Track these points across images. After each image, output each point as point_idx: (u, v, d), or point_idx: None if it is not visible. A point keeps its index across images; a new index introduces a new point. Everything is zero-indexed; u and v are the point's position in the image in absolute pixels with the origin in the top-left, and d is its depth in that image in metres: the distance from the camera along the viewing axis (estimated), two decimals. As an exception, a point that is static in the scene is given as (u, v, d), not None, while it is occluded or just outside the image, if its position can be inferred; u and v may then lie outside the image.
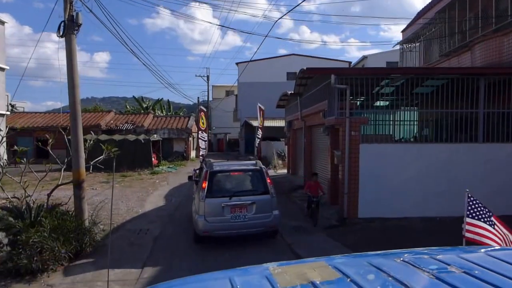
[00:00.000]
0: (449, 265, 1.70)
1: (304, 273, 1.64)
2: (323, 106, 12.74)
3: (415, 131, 14.96)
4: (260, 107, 19.04)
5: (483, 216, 5.01)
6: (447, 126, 11.50)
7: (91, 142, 10.35)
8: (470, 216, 5.07)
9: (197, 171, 12.31)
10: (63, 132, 9.78)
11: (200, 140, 17.17)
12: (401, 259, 1.81)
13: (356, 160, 11.20)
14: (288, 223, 10.93)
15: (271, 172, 21.05)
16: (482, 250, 2.06)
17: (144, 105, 44.60)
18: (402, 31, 22.65)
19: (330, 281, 1.55)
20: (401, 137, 13.91)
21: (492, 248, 2.30)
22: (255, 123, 38.14)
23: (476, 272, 1.59)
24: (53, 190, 9.83)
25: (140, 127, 32.63)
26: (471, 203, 5.09)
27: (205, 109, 16.64)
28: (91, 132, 12.41)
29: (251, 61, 35.69)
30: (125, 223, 11.44)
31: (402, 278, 1.54)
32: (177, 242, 9.23)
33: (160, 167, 26.97)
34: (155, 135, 26.79)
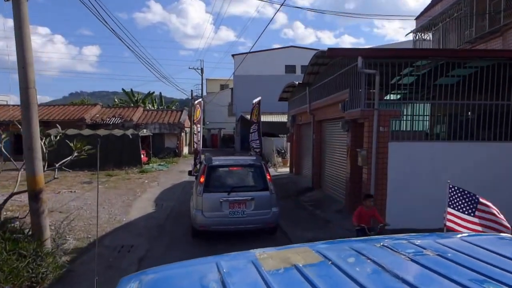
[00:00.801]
0: (425, 249, 1.78)
1: (288, 258, 1.72)
2: (342, 96, 10.75)
3: (437, 127, 13.04)
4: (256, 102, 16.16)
5: (464, 206, 5.18)
6: (485, 120, 9.56)
7: (57, 138, 8.18)
8: (451, 206, 5.29)
9: (197, 165, 11.77)
10: (18, 126, 7.57)
11: (195, 134, 14.58)
12: (381, 243, 1.89)
13: (384, 161, 9.26)
14: (302, 234, 8.98)
15: (271, 171, 19.02)
16: (458, 236, 2.19)
17: (134, 99, 42.25)
18: (416, 19, 20.87)
19: (312, 264, 1.63)
20: (430, 133, 11.97)
21: (468, 234, 2.31)
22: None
23: (449, 255, 1.69)
24: (6, 201, 7.72)
25: (128, 122, 30.38)
26: (453, 193, 5.30)
27: (201, 101, 14.47)
28: (57, 125, 10.15)
29: (248, 52, 33.55)
30: (105, 237, 9.35)
31: (380, 261, 1.62)
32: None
33: (150, 164, 24.84)
34: (144, 130, 24.66)
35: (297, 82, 15.71)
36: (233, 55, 40.35)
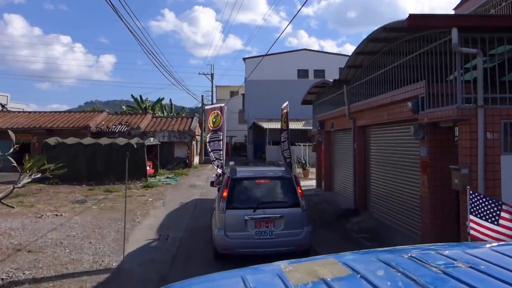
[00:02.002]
0: (455, 260, 1.68)
1: (314, 270, 1.63)
2: (412, 91, 7.46)
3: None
4: (284, 107, 13.18)
5: (486, 213, 4.71)
6: None
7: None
8: (474, 214, 4.84)
9: (220, 176, 10.20)
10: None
11: (213, 142, 10.66)
12: (409, 254, 1.79)
13: (496, 183, 5.96)
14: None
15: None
16: (487, 245, 2.04)
17: (143, 105, 39.30)
18: (454, 9, 17.77)
19: (340, 278, 1.54)
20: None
21: (497, 244, 2.14)
22: (265, 125, 32.90)
23: (482, 267, 1.58)
24: None
25: (135, 129, 27.35)
26: (473, 199, 4.85)
27: (220, 105, 11.03)
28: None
29: (260, 56, 30.40)
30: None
31: (411, 273, 1.52)
32: None
33: (157, 177, 21.64)
34: (151, 139, 21.52)
35: (331, 80, 12.38)
36: (244, 59, 37.25)
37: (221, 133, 10.58)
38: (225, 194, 7.15)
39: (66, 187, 17.69)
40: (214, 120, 10.46)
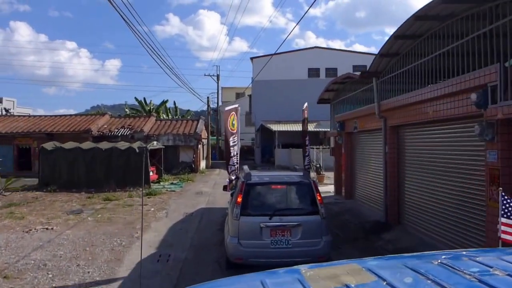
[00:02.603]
0: (491, 267, 1.54)
1: (337, 276, 1.54)
2: (478, 79, 5.91)
3: None
4: (305, 108, 11.67)
5: None
6: None
7: None
8: (505, 216, 4.58)
9: (233, 181, 9.49)
10: None
11: (235, 146, 9.63)
12: (439, 261, 1.67)
13: None
14: None
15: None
16: None
17: (147, 108, 37.93)
18: None
19: (365, 284, 1.44)
20: None
21: None
22: (274, 127, 31.36)
23: None
24: None
25: (139, 133, 25.94)
26: (505, 202, 4.60)
27: (236, 107, 9.94)
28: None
29: (268, 55, 28.94)
30: None
31: (442, 281, 1.40)
32: None
33: (161, 183, 20.17)
34: (154, 143, 20.06)
35: (357, 73, 10.81)
36: (251, 58, 35.78)
37: (237, 136, 9.72)
38: (239, 199, 6.69)
39: (64, 195, 16.28)
40: (233, 122, 9.46)
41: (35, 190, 17.15)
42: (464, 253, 1.82)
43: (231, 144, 9.38)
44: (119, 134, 26.01)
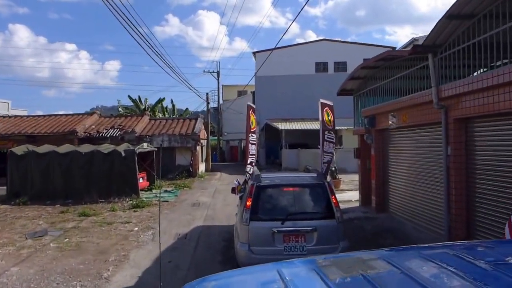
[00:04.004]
0: (507, 256, 1.53)
1: (352, 266, 1.54)
2: None
3: None
4: (324, 103, 9.18)
5: None
6: None
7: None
8: None
9: (243, 183, 8.48)
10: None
11: (250, 145, 9.15)
12: (454, 251, 1.65)
13: None
14: None
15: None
16: None
17: (142, 107, 35.28)
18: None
19: (381, 273, 1.43)
20: None
21: None
22: (281, 126, 28.62)
23: None
24: None
25: (130, 133, 23.32)
26: None
27: (253, 106, 9.44)
28: None
29: (272, 49, 26.24)
30: None
31: (458, 270, 1.39)
32: None
33: (154, 191, 17.48)
34: (145, 145, 17.35)
35: (407, 48, 7.99)
36: (254, 53, 33.09)
37: (256, 135, 9.34)
38: (249, 203, 6.32)
39: (34, 209, 13.60)
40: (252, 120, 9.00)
41: (1, 203, 14.46)
42: (480, 243, 1.96)
43: (251, 142, 8.91)
44: (108, 135, 23.38)
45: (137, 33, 16.22)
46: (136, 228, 10.44)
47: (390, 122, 9.73)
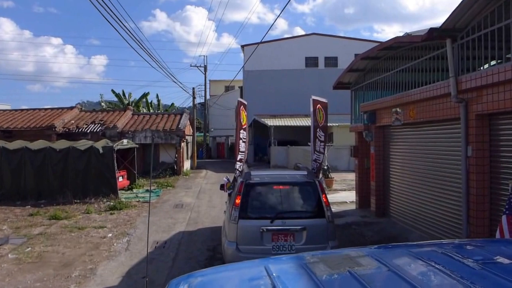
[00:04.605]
0: (495, 255, 1.52)
1: (340, 263, 1.53)
2: None
3: None
4: (317, 100, 8.47)
5: None
6: None
7: None
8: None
9: (232, 180, 8.26)
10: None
11: (241, 142, 8.78)
12: (442, 249, 1.64)
13: None
14: None
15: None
16: None
17: (126, 102, 33.75)
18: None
19: (368, 270, 1.42)
20: None
21: None
22: (270, 122, 27.54)
23: None
24: None
25: (111, 129, 21.95)
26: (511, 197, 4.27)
27: (244, 102, 9.05)
28: None
29: (260, 43, 25.12)
30: None
31: (445, 268, 1.39)
32: None
33: (134, 190, 16.23)
34: (124, 141, 16.02)
35: (423, 32, 6.94)
36: (242, 46, 31.87)
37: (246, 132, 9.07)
38: (238, 201, 6.10)
39: (1, 211, 12.26)
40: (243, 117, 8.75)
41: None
42: (469, 242, 1.91)
43: (240, 138, 8.59)
44: (88, 131, 21.96)
45: (122, 27, 14.88)
46: (110, 235, 9.22)
47: (393, 118, 8.73)
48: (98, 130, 22.07)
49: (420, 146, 8.22)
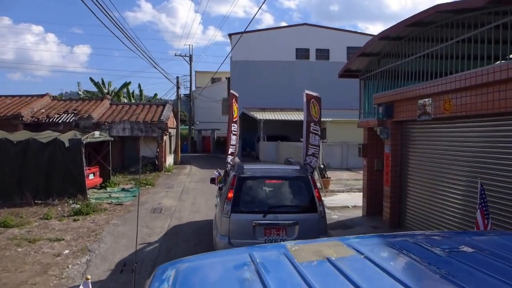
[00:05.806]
0: (460, 245, 1.63)
1: (319, 251, 1.62)
2: None
3: None
4: (310, 94, 7.63)
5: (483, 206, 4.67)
6: None
7: None
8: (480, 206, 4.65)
9: (223, 174, 8.24)
10: None
11: (232, 135, 8.52)
12: (414, 239, 1.76)
13: None
14: None
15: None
16: (491, 233, 2.08)
17: (105, 91, 31.38)
18: None
19: (345, 257, 1.53)
20: None
21: (501, 232, 2.15)
22: (259, 115, 25.72)
23: (486, 252, 1.54)
24: None
25: (86, 119, 19.82)
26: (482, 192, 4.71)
27: (236, 94, 8.68)
28: None
29: (249, 31, 23.18)
30: None
31: (415, 255, 1.51)
32: None
33: (108, 188, 14.24)
34: (96, 133, 13.97)
35: None
36: (230, 35, 29.84)
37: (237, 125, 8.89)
38: (230, 195, 6.02)
39: None
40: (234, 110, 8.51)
41: None
42: (438, 233, 1.98)
43: (232, 132, 8.56)
44: (60, 121, 19.80)
45: (106, 15, 12.71)
46: (67, 251, 7.29)
47: (419, 112, 7.03)
48: (71, 120, 19.91)
49: (456, 146, 6.55)
